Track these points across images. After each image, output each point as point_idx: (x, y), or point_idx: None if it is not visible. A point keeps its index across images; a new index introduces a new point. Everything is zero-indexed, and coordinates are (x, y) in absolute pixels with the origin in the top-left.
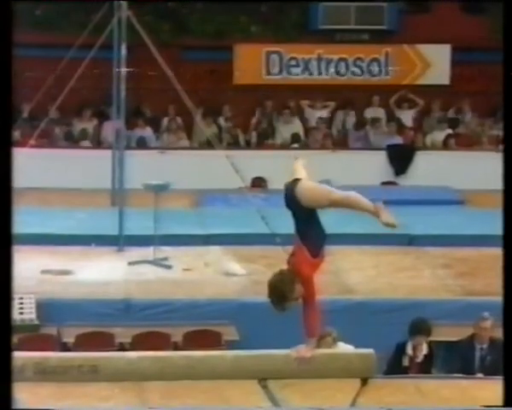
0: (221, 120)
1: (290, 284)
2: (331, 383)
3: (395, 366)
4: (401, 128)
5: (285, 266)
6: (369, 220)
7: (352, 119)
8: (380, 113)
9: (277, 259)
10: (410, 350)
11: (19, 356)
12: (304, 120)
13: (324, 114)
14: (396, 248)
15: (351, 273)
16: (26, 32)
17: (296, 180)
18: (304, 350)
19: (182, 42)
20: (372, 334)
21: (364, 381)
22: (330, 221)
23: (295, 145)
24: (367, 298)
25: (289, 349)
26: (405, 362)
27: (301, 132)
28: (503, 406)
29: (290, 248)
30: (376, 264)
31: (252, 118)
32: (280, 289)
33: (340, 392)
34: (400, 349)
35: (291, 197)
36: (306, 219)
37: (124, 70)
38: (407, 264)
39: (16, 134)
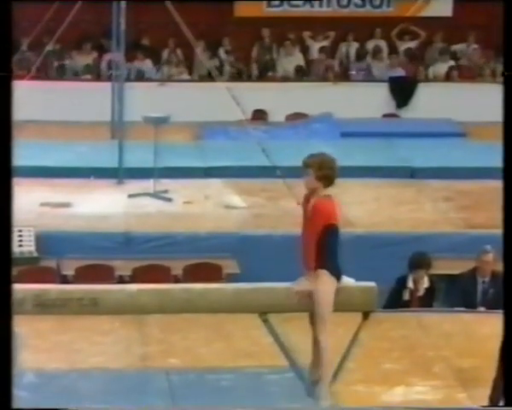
0: (221, 53)
1: None
2: (332, 318)
3: (396, 299)
4: (403, 60)
5: (285, 200)
6: (370, 153)
7: (353, 51)
8: (382, 45)
9: (278, 192)
10: (410, 284)
11: (18, 289)
12: (305, 52)
13: (326, 44)
14: (397, 181)
15: (351, 207)
16: None
17: None
18: (304, 284)
19: None
20: (373, 268)
21: (366, 315)
22: (331, 153)
23: (299, 78)
24: (368, 232)
25: (290, 283)
26: (406, 296)
27: (302, 64)
28: (503, 406)
29: (291, 181)
30: (377, 197)
31: (252, 50)
32: None
33: (341, 326)
34: (401, 283)
35: None
36: None
37: (123, 2)
38: (408, 197)
39: (15, 67)
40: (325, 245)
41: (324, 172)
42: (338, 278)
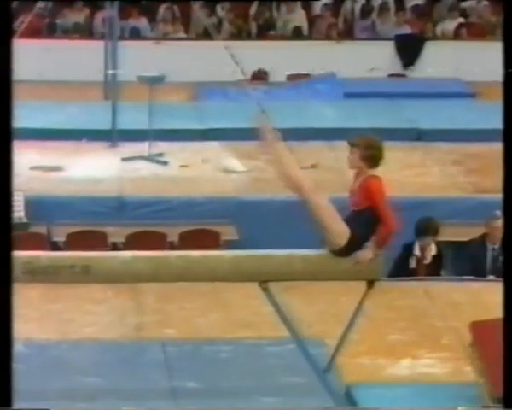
0: (219, 10)
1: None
2: (335, 287)
3: (402, 267)
4: (410, 17)
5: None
6: (374, 114)
7: (358, 7)
8: (388, 1)
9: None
10: (417, 251)
11: None
12: (307, 9)
13: (328, 0)
14: (403, 143)
15: None
16: None
17: None
18: (366, 253)
19: None
20: None
21: (371, 284)
22: (332, 116)
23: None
24: None
25: (291, 250)
26: (413, 264)
27: (304, 23)
28: (503, 406)
29: (292, 144)
30: (383, 160)
31: (251, 7)
32: None
33: (345, 296)
34: (407, 250)
35: None
36: None
37: None
38: (415, 160)
39: None
40: (363, 224)
41: (370, 152)
42: (346, 252)
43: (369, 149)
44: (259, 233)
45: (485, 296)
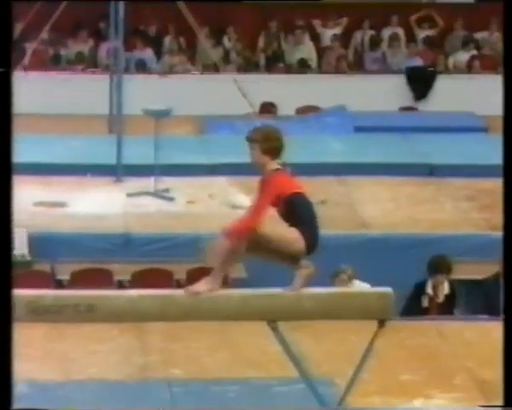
0: (226, 41)
1: None
2: (346, 325)
3: (414, 306)
4: (421, 49)
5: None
6: (386, 149)
7: (368, 39)
8: (399, 33)
9: None
10: (429, 290)
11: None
12: (316, 40)
13: (338, 31)
14: (416, 178)
15: (367, 206)
16: None
17: None
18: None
19: None
20: (389, 271)
21: (382, 322)
22: (342, 150)
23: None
24: (384, 233)
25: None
26: (425, 303)
27: (313, 54)
28: (503, 406)
29: (301, 179)
30: (394, 196)
31: (259, 39)
32: None
33: (356, 334)
34: (419, 289)
35: None
36: None
37: None
38: (427, 196)
39: None
40: (293, 215)
41: (270, 144)
42: (311, 248)
43: (269, 141)
44: (268, 271)
45: (500, 336)
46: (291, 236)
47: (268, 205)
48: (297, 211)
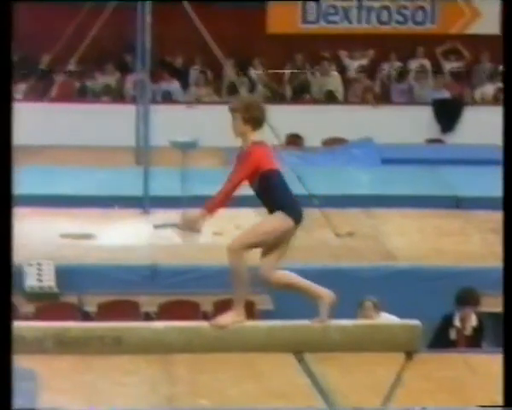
0: (252, 72)
1: None
2: (373, 357)
3: (442, 338)
4: (448, 81)
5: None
6: (412, 181)
7: (394, 71)
8: (425, 64)
9: (314, 222)
10: (457, 322)
11: (37, 327)
12: (342, 72)
13: (364, 62)
14: (442, 210)
15: (393, 238)
16: None
17: None
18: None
19: None
20: (417, 303)
21: (409, 355)
22: (370, 182)
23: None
24: (411, 265)
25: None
26: (453, 335)
27: (339, 86)
28: (503, 406)
29: (328, 211)
30: (421, 228)
31: (284, 70)
32: None
33: (382, 367)
34: (447, 321)
35: None
36: None
37: (149, 18)
38: (454, 228)
39: (34, 87)
40: (272, 190)
41: (251, 113)
42: (297, 219)
43: (250, 111)
44: (294, 303)
45: None
46: (277, 221)
47: (244, 178)
48: (275, 186)
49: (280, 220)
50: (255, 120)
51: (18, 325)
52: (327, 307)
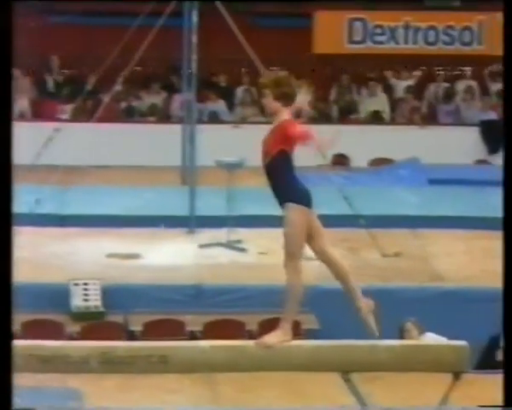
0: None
1: None
2: (420, 377)
3: (489, 359)
4: (495, 102)
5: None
6: (460, 202)
7: (441, 91)
8: (473, 85)
9: (360, 242)
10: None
11: (83, 346)
12: (388, 92)
13: (411, 82)
14: (490, 232)
15: (440, 259)
16: None
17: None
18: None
19: (256, 8)
20: (464, 325)
21: (457, 375)
22: (417, 202)
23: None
24: (458, 286)
25: (374, 340)
26: (499, 356)
27: (386, 106)
28: (503, 406)
29: (375, 231)
30: (468, 249)
31: (331, 90)
32: None
33: (430, 387)
34: (494, 342)
35: None
36: None
37: (195, 38)
38: (501, 249)
39: (81, 108)
40: (280, 176)
41: (281, 89)
42: (308, 203)
43: (280, 86)
44: (340, 322)
45: None
46: (296, 217)
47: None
48: (284, 171)
49: (296, 214)
50: (286, 95)
51: (64, 344)
52: (370, 316)
